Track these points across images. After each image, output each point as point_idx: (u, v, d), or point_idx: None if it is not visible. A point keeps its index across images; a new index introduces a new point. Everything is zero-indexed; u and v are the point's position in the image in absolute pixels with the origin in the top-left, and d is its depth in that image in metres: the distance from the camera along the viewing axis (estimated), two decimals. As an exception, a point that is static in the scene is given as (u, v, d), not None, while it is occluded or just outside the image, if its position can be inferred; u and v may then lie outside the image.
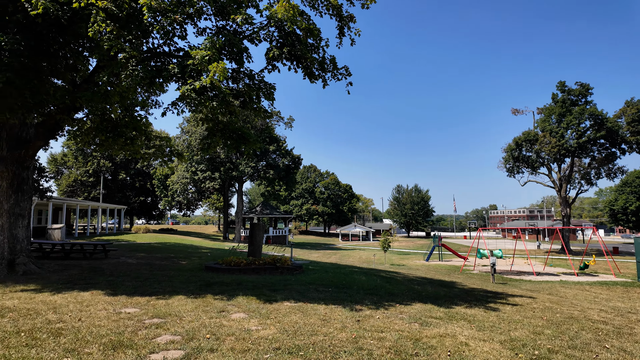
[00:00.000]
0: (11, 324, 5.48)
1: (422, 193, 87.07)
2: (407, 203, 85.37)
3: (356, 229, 73.49)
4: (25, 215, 11.08)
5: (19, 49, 7.40)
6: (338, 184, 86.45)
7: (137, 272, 11.69)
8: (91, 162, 52.59)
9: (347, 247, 53.54)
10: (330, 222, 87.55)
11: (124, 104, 9.83)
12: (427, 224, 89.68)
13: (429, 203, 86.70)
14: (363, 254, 39.32)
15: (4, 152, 10.88)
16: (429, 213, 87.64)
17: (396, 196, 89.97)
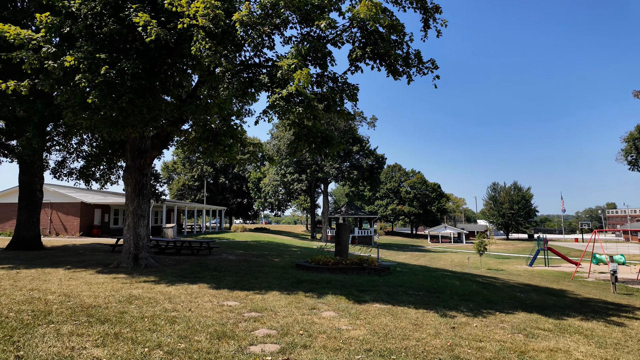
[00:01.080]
0: (137, 310, 6.35)
1: (523, 191, 79.12)
2: (505, 202, 78.40)
3: (447, 230, 69.81)
4: (145, 216, 12.79)
5: (138, 72, 8.60)
6: (425, 183, 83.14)
7: (236, 268, 12.68)
8: (196, 168, 58.78)
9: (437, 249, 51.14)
10: (418, 222, 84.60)
11: (221, 115, 10.79)
12: (529, 225, 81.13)
13: (530, 202, 78.44)
14: (455, 257, 37.17)
15: (129, 162, 12.71)
16: (531, 213, 79.24)
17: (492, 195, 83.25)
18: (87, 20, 8.37)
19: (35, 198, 16.94)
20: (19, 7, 12.36)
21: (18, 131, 15.84)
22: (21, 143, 12.38)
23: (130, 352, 4.31)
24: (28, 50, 8.81)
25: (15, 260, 12.52)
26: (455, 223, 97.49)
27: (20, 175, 16.71)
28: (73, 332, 4.95)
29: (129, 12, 8.24)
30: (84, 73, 8.49)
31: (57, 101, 9.95)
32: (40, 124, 12.50)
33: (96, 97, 8.52)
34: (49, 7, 9.01)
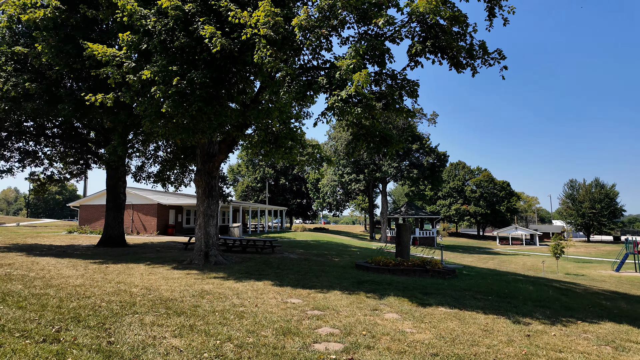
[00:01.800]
0: (209, 304, 6.78)
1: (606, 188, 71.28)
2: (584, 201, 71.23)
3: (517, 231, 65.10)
4: (214, 216, 13.60)
5: (206, 81, 9.18)
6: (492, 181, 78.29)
7: (298, 266, 12.98)
8: (258, 170, 61.31)
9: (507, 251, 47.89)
10: (485, 223, 79.91)
11: (282, 118, 11.13)
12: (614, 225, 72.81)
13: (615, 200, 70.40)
14: (528, 260, 34.53)
15: (199, 165, 13.61)
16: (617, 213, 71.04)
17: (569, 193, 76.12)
18: (161, 36, 9.13)
19: (120, 200, 18.81)
20: (104, 28, 13.83)
21: (105, 140, 17.73)
22: (108, 151, 13.83)
23: (204, 344, 4.61)
24: (112, 66, 9.83)
25: (104, 256, 14.01)
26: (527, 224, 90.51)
27: (107, 179, 18.66)
28: (154, 322, 5.42)
29: (197, 25, 8.83)
30: (158, 85, 9.26)
31: (137, 111, 10.97)
32: (123, 133, 13.87)
33: (169, 107, 9.25)
34: (129, 27, 9.97)
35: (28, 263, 11.04)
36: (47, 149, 19.05)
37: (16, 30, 13.21)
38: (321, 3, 8.44)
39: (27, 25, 12.27)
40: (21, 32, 13.28)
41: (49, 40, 11.69)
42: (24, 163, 18.43)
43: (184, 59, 9.66)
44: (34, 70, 13.47)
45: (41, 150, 18.91)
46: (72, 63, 12.36)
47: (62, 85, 14.30)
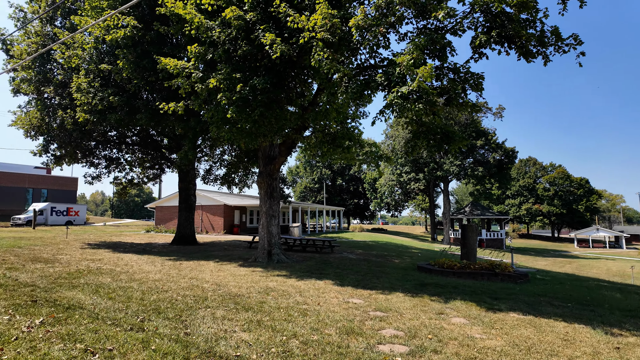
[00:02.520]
0: (274, 301, 7.02)
1: None
2: (683, 199, 62.28)
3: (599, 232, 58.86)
4: (276, 216, 14.05)
5: (267, 86, 9.53)
6: (568, 178, 71.63)
7: (357, 267, 12.95)
8: (316, 171, 62.23)
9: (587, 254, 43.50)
10: (560, 224, 73.32)
11: (339, 119, 11.19)
12: None
13: None
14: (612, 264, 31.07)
15: (261, 167, 14.15)
16: None
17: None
18: (225, 45, 9.66)
19: (191, 201, 20.19)
20: (175, 43, 14.96)
21: (177, 146, 19.15)
22: (180, 155, 14.91)
23: (271, 339, 4.78)
24: (182, 77, 10.60)
25: (178, 253, 15.13)
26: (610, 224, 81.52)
27: (179, 182, 20.14)
28: (225, 316, 5.74)
29: (258, 33, 9.21)
30: (224, 92, 9.80)
31: (204, 118, 11.70)
32: (193, 139, 14.88)
33: (234, 112, 9.74)
34: (196, 39, 10.69)
35: (114, 259, 12.28)
36: (127, 155, 21.05)
37: (101, 49, 14.78)
38: (378, 1, 8.35)
39: (111, 44, 13.67)
40: (105, 51, 14.84)
41: (128, 56, 12.93)
42: (109, 169, 20.55)
43: (246, 66, 10.11)
44: (116, 85, 14.96)
45: (123, 156, 20.94)
46: (148, 76, 13.54)
47: (139, 97, 15.72)
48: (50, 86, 16.49)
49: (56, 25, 16.98)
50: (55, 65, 16.99)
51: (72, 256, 12.42)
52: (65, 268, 9.72)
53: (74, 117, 15.33)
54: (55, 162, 18.16)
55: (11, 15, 18.04)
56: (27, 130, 16.83)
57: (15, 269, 9.22)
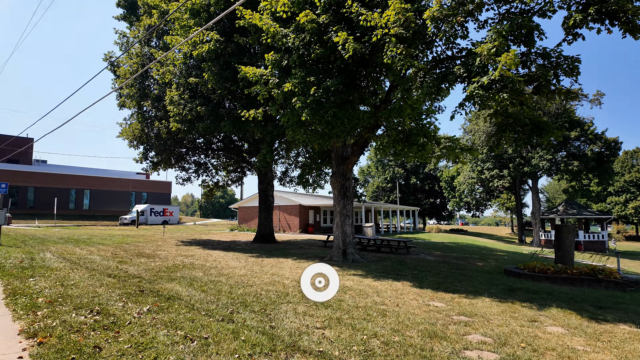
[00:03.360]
0: (351, 300, 7.06)
1: None
2: None
3: None
4: (350, 216, 14.11)
5: (339, 87, 9.64)
6: (691, 171, 60.68)
7: (436, 269, 12.44)
8: (388, 170, 61.14)
9: None
10: (682, 225, 62.39)
11: (414, 115, 10.88)
12: None
13: None
14: None
15: (334, 168, 14.33)
16: None
17: None
18: (299, 50, 9.99)
19: (269, 202, 21.22)
20: (253, 52, 15.87)
21: (256, 150, 20.26)
22: (259, 159, 15.77)
23: (352, 337, 4.81)
24: (261, 84, 11.19)
25: (259, 251, 15.99)
26: None
27: (259, 184, 21.28)
28: (305, 312, 5.92)
29: (330, 35, 9.36)
30: (298, 96, 10.12)
31: (281, 122, 12.21)
32: (270, 143, 15.64)
33: (308, 115, 10.01)
34: (272, 47, 11.21)
35: (204, 255, 13.39)
36: (213, 160, 22.84)
37: (189, 64, 16.25)
38: (455, -11, 7.95)
39: (197, 58, 14.97)
40: (192, 65, 16.28)
41: (212, 69, 14.04)
42: (198, 173, 22.49)
43: (319, 69, 10.32)
44: (202, 96, 16.32)
45: (209, 161, 22.77)
46: (230, 86, 14.55)
47: (222, 106, 16.96)
48: (148, 100, 18.57)
49: (152, 46, 19.07)
50: (152, 81, 19.09)
51: (169, 252, 13.84)
52: (164, 262, 10.86)
53: (168, 127, 17.07)
54: (152, 168, 20.38)
55: (116, 41, 20.70)
56: (131, 140, 19.15)
57: (124, 262, 10.55)
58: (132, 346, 4.10)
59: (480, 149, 40.88)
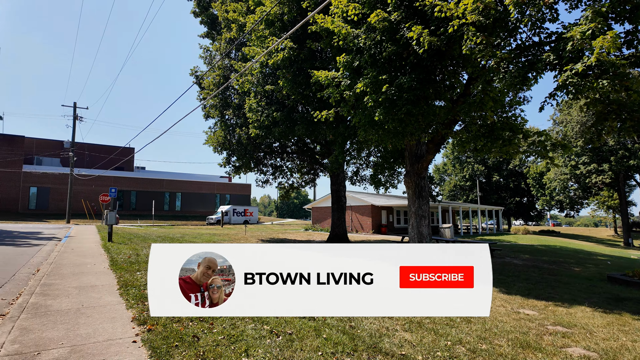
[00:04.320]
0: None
1: None
2: None
3: None
4: (426, 217, 13.64)
5: (413, 84, 9.37)
6: None
7: (525, 274, 11.47)
8: (466, 167, 57.74)
9: None
10: None
11: (496, 108, 10.12)
12: None
13: None
14: None
15: (408, 167, 13.97)
16: None
17: None
18: (370, 50, 9.93)
19: (342, 202, 21.41)
20: (324, 57, 16.18)
21: (328, 151, 20.61)
22: (331, 160, 16.01)
23: (435, 342, 4.66)
24: (332, 86, 11.34)
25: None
26: None
27: (331, 185, 21.60)
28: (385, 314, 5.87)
29: (403, 32, 9.15)
30: (370, 95, 10.06)
31: (352, 123, 12.25)
32: (342, 144, 15.78)
33: (381, 114, 9.91)
34: (343, 49, 11.30)
35: (282, 254, 13.96)
36: (288, 163, 23.74)
37: (265, 72, 17.11)
38: (541, -32, 7.26)
39: (272, 67, 15.70)
40: (268, 74, 17.12)
41: (287, 75, 14.61)
42: (274, 175, 23.55)
43: (392, 67, 10.16)
44: (278, 102, 17.06)
45: (284, 164, 23.71)
46: (303, 91, 15.00)
47: (296, 110, 17.56)
48: (230, 109, 19.94)
49: (232, 58, 20.45)
50: (232, 91, 20.47)
51: (250, 250, 14.69)
52: (247, 260, 11.56)
53: (248, 133, 18.15)
54: (235, 172, 21.82)
55: (201, 55, 22.58)
56: (215, 147, 20.73)
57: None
58: (224, 337, 4.46)
59: (573, 142, 36.70)
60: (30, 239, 17.10)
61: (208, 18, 22.99)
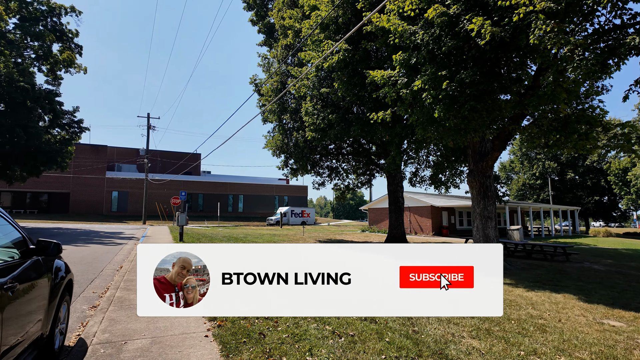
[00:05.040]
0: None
1: None
2: None
3: None
4: (492, 218, 12.89)
5: (476, 78, 8.92)
6: None
7: (608, 280, 10.37)
8: (536, 165, 53.58)
9: None
10: None
11: (570, 100, 9.29)
12: None
13: None
14: None
15: (471, 166, 13.32)
16: None
17: None
18: (428, 46, 9.63)
19: (399, 203, 20.98)
20: (379, 56, 16.02)
21: (384, 152, 20.32)
22: (387, 161, 15.77)
23: (506, 352, 4.40)
24: (389, 86, 11.18)
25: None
26: None
27: (388, 185, 21.25)
28: (449, 320, 5.65)
29: (463, 24, 8.75)
30: (428, 91, 9.76)
31: (410, 122, 11.96)
32: (399, 144, 15.48)
33: (441, 111, 9.57)
34: (400, 47, 11.09)
35: (340, 255, 14.01)
36: (344, 164, 23.81)
37: (320, 76, 17.34)
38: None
39: (327, 70, 15.87)
40: (323, 77, 17.32)
41: (342, 77, 14.68)
42: (330, 177, 23.75)
43: (451, 62, 9.78)
44: (333, 104, 17.20)
45: (340, 166, 23.81)
46: (358, 92, 14.97)
47: (351, 112, 17.56)
48: (287, 114, 20.50)
49: (288, 63, 21.01)
50: (289, 96, 21.03)
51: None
52: (306, 261, 11.77)
53: (304, 136, 18.52)
54: (292, 174, 22.36)
55: (259, 63, 23.49)
56: (274, 150, 21.42)
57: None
58: (289, 336, 4.59)
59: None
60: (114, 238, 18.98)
61: (265, 27, 23.84)
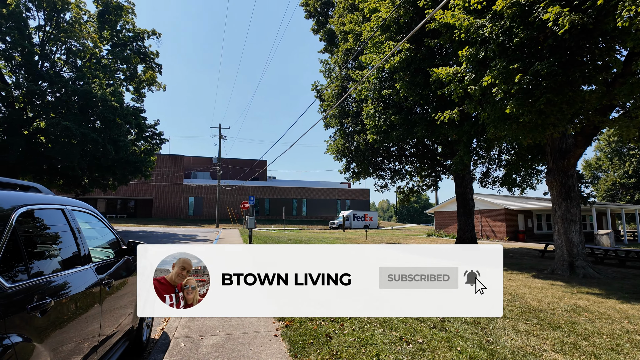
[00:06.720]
0: (589, 324, 5.79)
1: None
2: None
3: None
4: (576, 221, 11.70)
5: (553, 69, 8.19)
6: None
7: None
8: (629, 161, 47.52)
9: None
10: None
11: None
12: None
13: None
14: None
15: (550, 164, 12.24)
16: None
17: None
18: (498, 39, 9.05)
19: (469, 206, 19.88)
20: (444, 53, 15.42)
21: (451, 152, 19.44)
22: (455, 161, 15.05)
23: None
24: (455, 83, 10.70)
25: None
26: None
27: (456, 187, 20.26)
28: (528, 331, 5.23)
29: (537, 13, 8.10)
30: (499, 86, 9.16)
31: (480, 120, 11.32)
32: (467, 143, 14.70)
33: (514, 106, 8.94)
34: (466, 42, 10.57)
35: (406, 259, 13.66)
36: (407, 166, 23.21)
37: (381, 77, 17.14)
38: None
39: (389, 71, 15.64)
40: (384, 78, 17.09)
41: (404, 78, 14.37)
42: (393, 179, 23.30)
43: (524, 54, 9.11)
44: (394, 105, 16.88)
45: (403, 168, 23.25)
46: (421, 91, 14.52)
47: (414, 112, 17.09)
48: (348, 117, 20.57)
49: (349, 68, 21.11)
50: (350, 99, 21.09)
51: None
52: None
53: (365, 139, 18.42)
54: (354, 178, 22.33)
55: (321, 70, 23.90)
56: (335, 154, 21.60)
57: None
58: (355, 340, 4.59)
59: None
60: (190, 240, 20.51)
61: (326, 34, 24.22)
